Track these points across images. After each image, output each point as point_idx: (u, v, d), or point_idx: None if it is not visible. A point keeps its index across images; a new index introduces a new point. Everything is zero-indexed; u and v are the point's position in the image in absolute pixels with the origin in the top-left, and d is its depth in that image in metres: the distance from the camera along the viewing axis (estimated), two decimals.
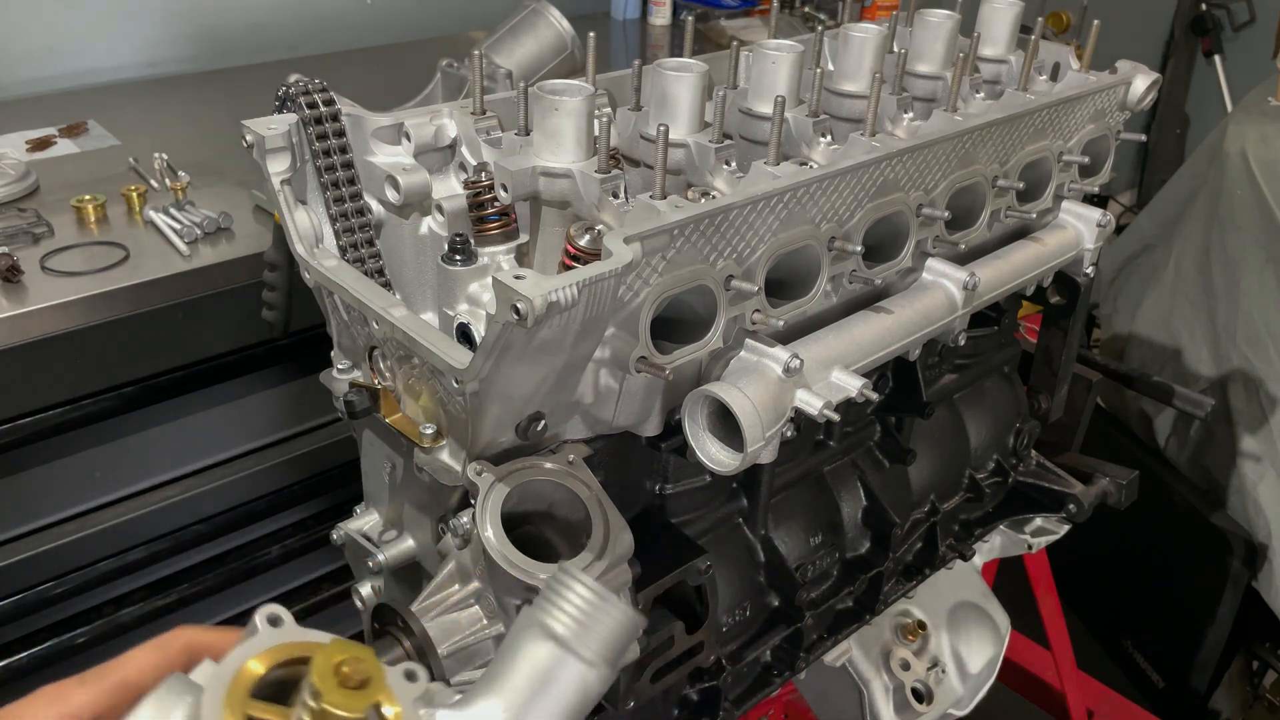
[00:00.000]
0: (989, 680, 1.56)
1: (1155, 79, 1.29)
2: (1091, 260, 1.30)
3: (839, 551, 1.26)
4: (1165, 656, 2.61)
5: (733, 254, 0.88)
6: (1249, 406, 2.36)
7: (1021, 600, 1.83)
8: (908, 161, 1.01)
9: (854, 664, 1.43)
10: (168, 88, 2.17)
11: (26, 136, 1.82)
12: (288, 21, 2.40)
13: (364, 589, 1.10)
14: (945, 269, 1.08)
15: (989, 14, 1.33)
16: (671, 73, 1.02)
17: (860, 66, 1.18)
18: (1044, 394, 1.46)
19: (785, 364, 0.88)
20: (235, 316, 1.53)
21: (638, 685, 0.96)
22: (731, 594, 1.15)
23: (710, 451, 0.88)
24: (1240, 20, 4.35)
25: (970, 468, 1.42)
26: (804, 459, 1.23)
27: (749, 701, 1.19)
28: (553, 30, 1.81)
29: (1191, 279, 2.56)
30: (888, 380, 1.25)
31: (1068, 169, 1.25)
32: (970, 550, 1.41)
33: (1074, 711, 2.12)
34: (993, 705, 1.58)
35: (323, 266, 0.94)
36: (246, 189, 1.63)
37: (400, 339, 0.86)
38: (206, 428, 1.64)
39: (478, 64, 1.02)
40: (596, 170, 0.88)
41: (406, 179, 0.97)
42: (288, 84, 0.97)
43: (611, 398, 0.88)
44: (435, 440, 0.88)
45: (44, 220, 1.50)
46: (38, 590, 1.50)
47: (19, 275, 1.37)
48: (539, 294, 0.71)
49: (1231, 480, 2.42)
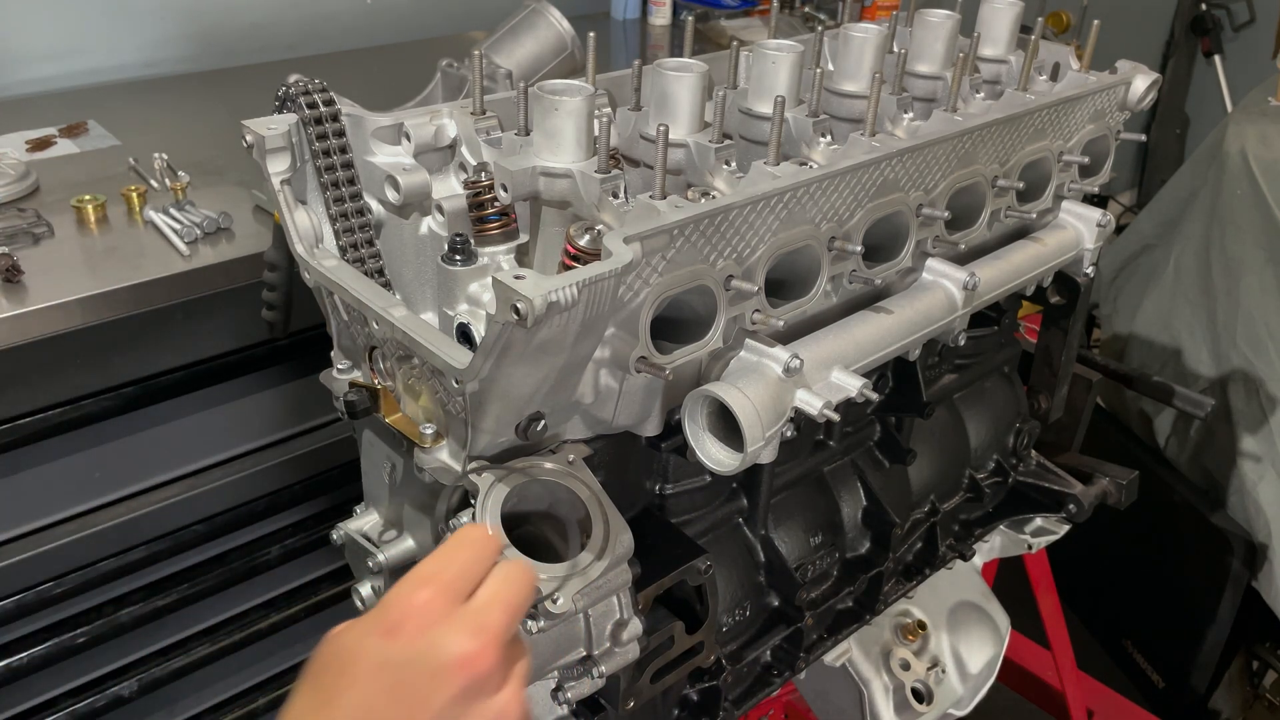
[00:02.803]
0: (989, 680, 1.56)
1: (1155, 79, 1.29)
2: (1091, 260, 1.30)
3: (839, 551, 1.26)
4: (1165, 656, 2.61)
5: (733, 254, 0.88)
6: (1249, 406, 2.35)
7: (1021, 600, 1.83)
8: (908, 161, 1.01)
9: (854, 664, 1.43)
10: (168, 88, 2.17)
11: (26, 136, 1.82)
12: (288, 21, 2.40)
13: (364, 589, 1.10)
14: (945, 269, 1.08)
15: (989, 14, 1.33)
16: (671, 73, 1.02)
17: (860, 66, 1.18)
18: (1044, 394, 1.46)
19: (785, 364, 0.88)
20: (235, 316, 1.53)
21: (638, 685, 0.96)
22: (731, 594, 1.15)
23: (710, 451, 0.88)
24: (1240, 20, 4.35)
25: (970, 468, 1.42)
26: (804, 459, 1.23)
27: (749, 701, 1.19)
28: (553, 30, 1.81)
29: (1191, 279, 2.56)
30: (888, 380, 1.25)
31: (1068, 169, 1.25)
32: (970, 550, 1.41)
33: (1074, 711, 2.12)
34: (993, 705, 1.58)
35: (323, 266, 0.94)
36: (246, 189, 1.63)
37: (400, 339, 0.86)
38: (206, 428, 1.63)
39: (478, 64, 1.02)
40: (596, 170, 0.88)
41: (406, 179, 0.97)
42: (288, 84, 0.97)
43: (611, 398, 0.88)
44: (435, 440, 0.88)
45: (44, 220, 1.50)
46: (38, 590, 1.50)
47: (19, 275, 1.37)
48: (539, 294, 0.71)
49: (1231, 480, 2.42)
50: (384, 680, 0.58)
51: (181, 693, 1.72)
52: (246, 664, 1.77)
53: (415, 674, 0.59)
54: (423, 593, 0.62)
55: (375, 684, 0.58)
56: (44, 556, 1.51)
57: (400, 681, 0.58)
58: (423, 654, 0.59)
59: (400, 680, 0.58)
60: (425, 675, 0.59)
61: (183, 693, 1.72)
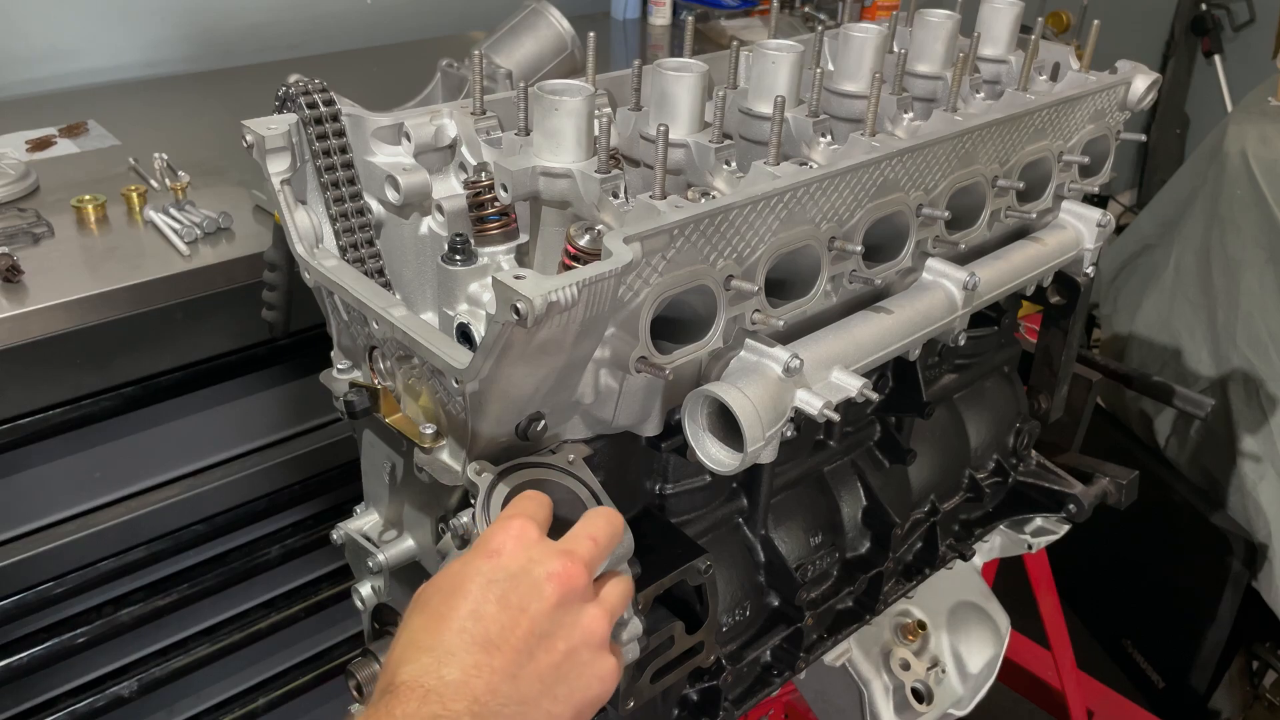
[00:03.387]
0: (989, 680, 1.56)
1: (1155, 79, 1.29)
2: (1091, 260, 1.30)
3: (839, 551, 1.26)
4: (1165, 656, 2.61)
5: (733, 254, 0.88)
6: (1249, 406, 2.36)
7: (1021, 600, 1.83)
8: (908, 161, 1.01)
9: (854, 664, 1.43)
10: (168, 88, 2.17)
11: (26, 136, 1.82)
12: (288, 21, 2.40)
13: (364, 589, 1.10)
14: (945, 269, 1.08)
15: (989, 14, 1.33)
16: (671, 73, 1.02)
17: (860, 66, 1.18)
18: (1044, 394, 1.46)
19: (785, 364, 0.88)
20: (235, 316, 1.53)
21: (638, 685, 0.96)
22: (731, 594, 1.15)
23: (710, 451, 0.88)
24: (1240, 20, 4.35)
25: (970, 468, 1.42)
26: (804, 459, 1.23)
27: (749, 701, 1.19)
28: (553, 30, 1.81)
29: (1191, 279, 2.56)
30: (888, 380, 1.25)
31: (1068, 169, 1.25)
32: (970, 550, 1.41)
33: (1074, 711, 2.12)
34: (993, 705, 1.58)
35: (323, 266, 0.94)
36: (246, 189, 1.63)
37: (400, 339, 0.86)
38: (206, 428, 1.64)
39: (478, 64, 1.02)
40: (596, 170, 0.88)
41: (406, 179, 0.97)
42: (288, 84, 0.97)
43: (611, 398, 0.88)
44: (435, 440, 0.88)
45: (44, 220, 1.50)
46: (38, 590, 1.50)
47: (19, 275, 1.37)
48: (539, 294, 0.71)
49: (1231, 480, 2.42)
50: (493, 592, 0.70)
51: (181, 693, 1.72)
52: (246, 664, 1.77)
53: (518, 585, 0.71)
54: (515, 522, 0.74)
55: (486, 594, 0.70)
56: (44, 556, 1.51)
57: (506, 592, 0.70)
58: (525, 568, 0.71)
59: (506, 591, 0.70)
60: (527, 585, 0.71)
61: (183, 693, 1.72)
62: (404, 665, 0.68)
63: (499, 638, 0.69)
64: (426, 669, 0.67)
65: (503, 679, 0.68)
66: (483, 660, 0.68)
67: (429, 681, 0.67)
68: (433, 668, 0.67)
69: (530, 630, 0.70)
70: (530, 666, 0.69)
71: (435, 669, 0.67)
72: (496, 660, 0.68)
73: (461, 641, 0.68)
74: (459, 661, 0.67)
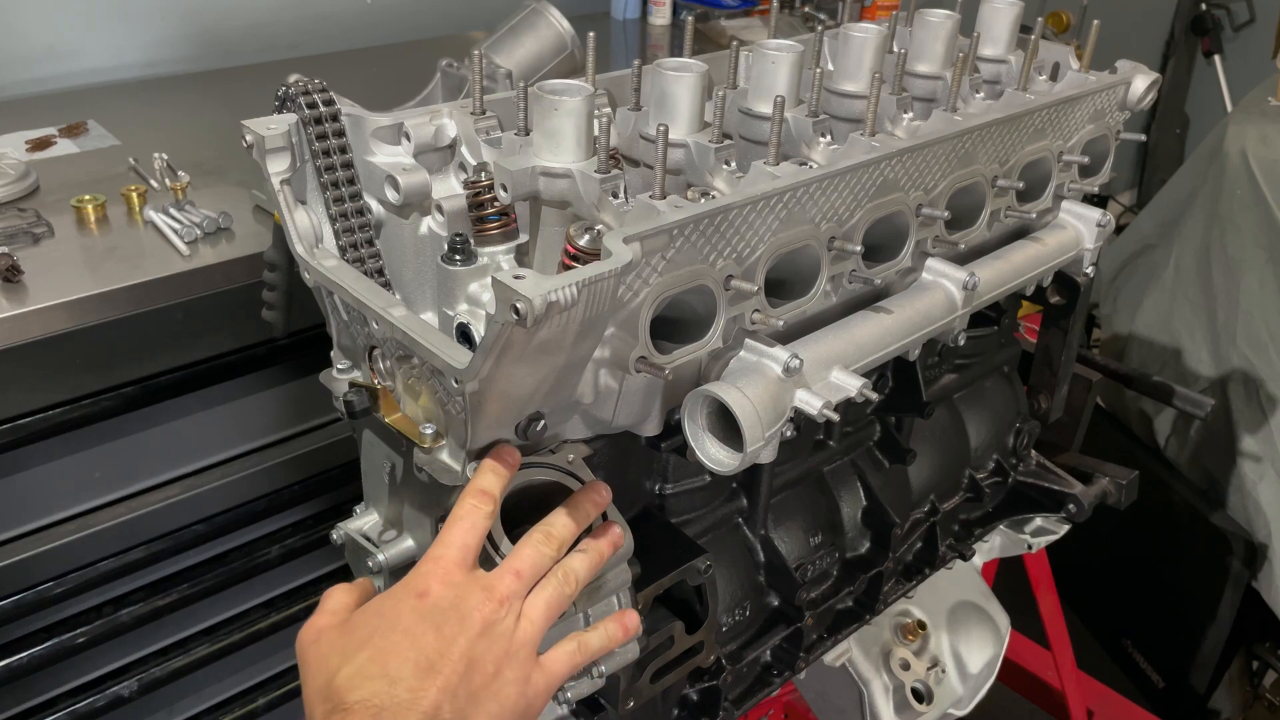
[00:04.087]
0: (989, 680, 1.56)
1: (1155, 79, 1.29)
2: (1091, 260, 1.30)
3: (839, 551, 1.26)
4: (1165, 656, 2.61)
5: (732, 254, 0.88)
6: (1249, 406, 2.36)
7: (1021, 600, 1.84)
8: (907, 161, 1.01)
9: (854, 664, 1.43)
10: (168, 88, 2.17)
11: (26, 136, 1.82)
12: (288, 21, 2.40)
13: None
14: (945, 269, 1.08)
15: (989, 14, 1.33)
16: (671, 73, 1.02)
17: (860, 66, 1.18)
18: (1044, 394, 1.47)
19: (785, 364, 0.88)
20: (235, 316, 1.53)
21: (638, 685, 0.96)
22: (731, 594, 1.15)
23: (710, 451, 0.88)
24: (1240, 20, 4.35)
25: (970, 468, 1.42)
26: (804, 459, 1.23)
27: (749, 701, 1.19)
28: (553, 30, 1.81)
29: (1191, 279, 2.56)
30: (888, 380, 1.25)
31: (1068, 169, 1.25)
32: (970, 550, 1.41)
33: (1074, 711, 2.13)
34: (993, 705, 1.58)
35: (323, 266, 0.94)
36: (246, 189, 1.63)
37: (400, 339, 0.86)
38: (206, 428, 1.63)
39: (478, 64, 1.02)
40: (596, 170, 0.88)
41: (406, 179, 0.97)
42: (287, 84, 0.97)
43: (611, 398, 0.88)
44: (435, 440, 0.88)
45: (44, 220, 1.50)
46: (38, 590, 1.50)
47: (19, 275, 1.37)
48: (539, 294, 0.71)
49: (1231, 480, 2.42)
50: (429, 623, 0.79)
51: (181, 693, 1.72)
52: (246, 664, 1.77)
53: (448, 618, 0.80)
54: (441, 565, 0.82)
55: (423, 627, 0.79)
56: (44, 556, 1.50)
57: (440, 624, 0.79)
58: (454, 603, 0.80)
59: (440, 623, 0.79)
60: (455, 619, 0.80)
61: (183, 693, 1.72)
62: (353, 690, 0.76)
63: (439, 662, 0.78)
64: (377, 691, 0.76)
65: (446, 696, 0.77)
66: (428, 682, 0.77)
67: (380, 700, 0.75)
68: (383, 689, 0.76)
69: (463, 654, 0.79)
70: (464, 687, 0.78)
71: (386, 690, 0.76)
72: (439, 681, 0.77)
73: (407, 668, 0.77)
74: (406, 684, 0.76)
